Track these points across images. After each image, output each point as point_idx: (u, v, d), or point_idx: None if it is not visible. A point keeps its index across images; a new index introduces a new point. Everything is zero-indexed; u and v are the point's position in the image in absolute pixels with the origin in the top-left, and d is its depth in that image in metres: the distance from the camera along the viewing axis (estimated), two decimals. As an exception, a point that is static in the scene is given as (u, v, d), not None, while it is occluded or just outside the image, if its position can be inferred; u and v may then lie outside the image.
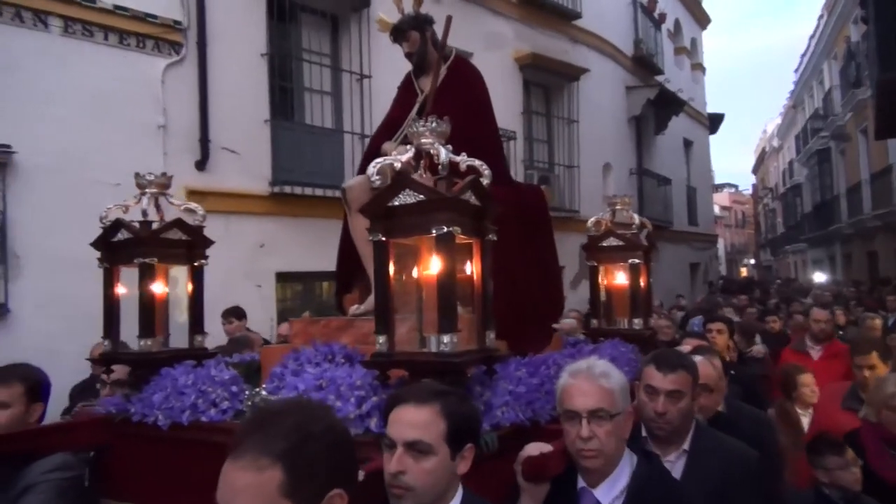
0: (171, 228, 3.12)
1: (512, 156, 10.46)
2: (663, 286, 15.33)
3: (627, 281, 3.92)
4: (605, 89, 13.45)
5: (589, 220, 4.12)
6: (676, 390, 2.39)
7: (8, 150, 5.65)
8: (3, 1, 5.80)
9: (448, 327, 2.20)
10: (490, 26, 10.62)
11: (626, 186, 14.21)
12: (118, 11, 6.44)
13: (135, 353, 3.11)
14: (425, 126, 2.38)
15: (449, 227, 2.19)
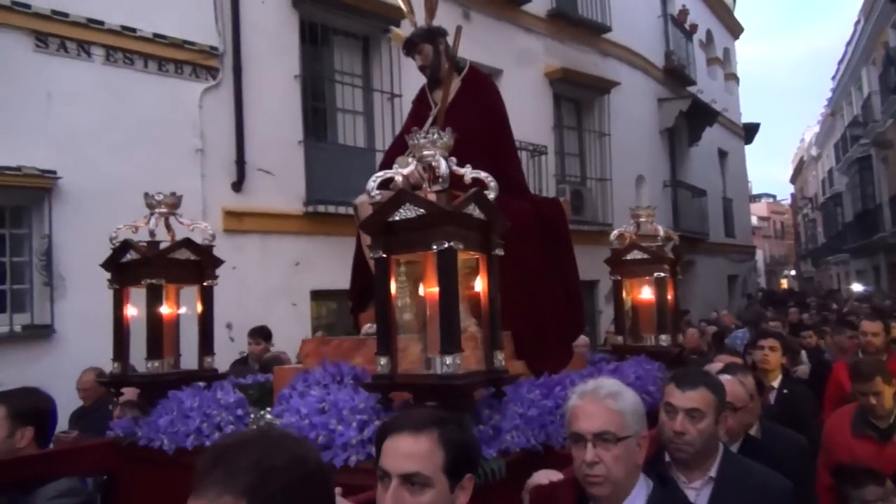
0: (180, 248, 3.07)
1: (543, 170, 10.46)
2: (701, 299, 15.09)
3: (653, 295, 3.78)
4: (636, 102, 13.37)
5: (612, 234, 4.01)
6: (696, 409, 2.23)
7: (54, 175, 5.85)
8: (48, 32, 6.04)
9: (451, 347, 2.08)
10: (520, 43, 10.67)
11: (660, 199, 14.06)
12: (157, 39, 6.65)
13: (142, 375, 3.05)
14: (426, 138, 2.29)
15: (450, 242, 2.09)
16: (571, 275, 3.60)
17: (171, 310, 3.15)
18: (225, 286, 6.83)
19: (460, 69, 3.59)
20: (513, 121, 10.92)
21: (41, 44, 6.01)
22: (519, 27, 10.72)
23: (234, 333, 6.71)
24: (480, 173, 2.31)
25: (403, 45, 3.58)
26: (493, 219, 2.31)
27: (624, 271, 3.88)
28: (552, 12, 11.21)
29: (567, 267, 3.58)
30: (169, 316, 3.12)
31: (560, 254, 3.53)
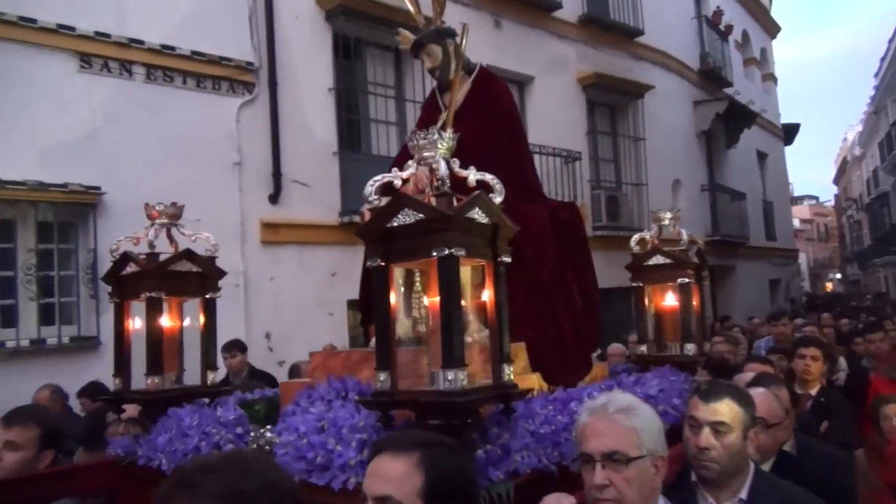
0: (180, 260, 2.96)
1: (578, 176, 10.40)
2: (742, 305, 14.79)
3: (677, 302, 3.61)
4: (671, 105, 13.22)
5: (632, 238, 3.85)
6: (721, 422, 2.07)
7: (98, 191, 6.03)
8: (92, 53, 6.24)
9: (453, 361, 1.95)
10: (552, 49, 10.64)
11: (698, 203, 13.85)
12: (195, 56, 6.81)
13: (142, 391, 2.93)
14: (426, 139, 2.16)
15: (450, 249, 1.96)
16: (590, 282, 3.47)
17: (172, 323, 3.03)
18: (263, 297, 7.01)
19: (470, 71, 3.46)
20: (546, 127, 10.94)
21: (85, 64, 6.21)
22: (550, 34, 10.70)
23: (272, 343, 6.81)
24: (486, 175, 2.20)
25: (411, 47, 3.47)
26: (500, 223, 2.18)
27: (646, 277, 3.74)
28: (583, 17, 11.16)
29: (585, 274, 3.44)
30: (170, 330, 3.00)
31: (578, 260, 3.39)
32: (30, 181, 5.72)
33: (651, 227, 3.85)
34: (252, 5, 7.25)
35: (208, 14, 6.93)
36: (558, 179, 10.04)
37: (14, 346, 5.64)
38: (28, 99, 5.83)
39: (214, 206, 6.63)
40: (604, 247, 8.88)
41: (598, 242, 10.04)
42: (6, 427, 2.52)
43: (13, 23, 5.83)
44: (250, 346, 6.66)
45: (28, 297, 5.82)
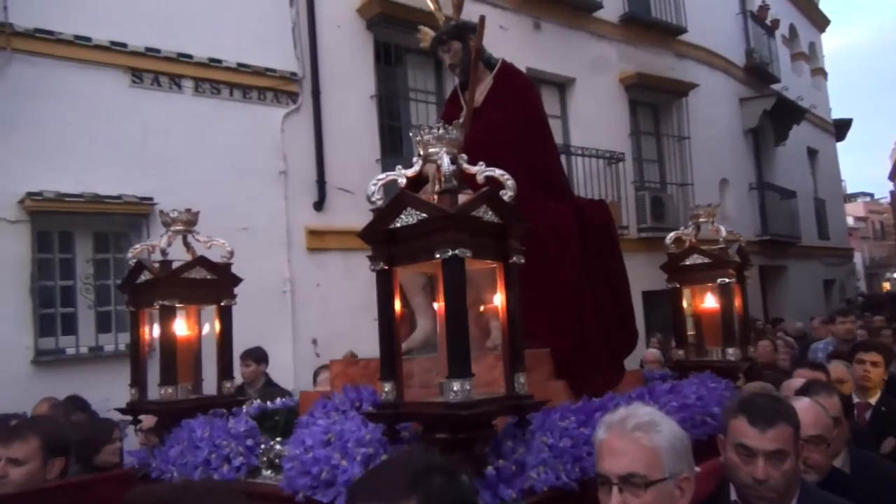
0: (194, 267, 2.89)
1: (621, 177, 10.28)
2: (795, 307, 14.39)
3: (718, 304, 3.41)
4: (716, 103, 12.97)
5: (667, 237, 3.69)
6: (779, 450, 1.88)
7: (151, 202, 6.21)
8: (143, 69, 6.45)
9: (459, 371, 1.82)
10: (593, 50, 10.56)
11: (746, 202, 13.55)
12: (241, 69, 6.98)
13: (156, 401, 2.87)
14: (430, 133, 2.05)
15: (454, 250, 1.83)
16: (621, 283, 3.27)
17: (188, 332, 2.96)
18: (310, 303, 7.11)
19: (492, 66, 3.32)
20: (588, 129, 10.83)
21: (137, 79, 6.42)
22: (591, 34, 10.62)
23: (319, 349, 6.90)
24: (495, 171, 2.07)
25: (431, 43, 3.32)
26: (510, 222, 2.02)
27: (683, 278, 3.55)
28: (625, 17, 11.04)
29: (616, 274, 3.24)
30: (186, 338, 2.93)
31: (607, 260, 3.20)
32: (86, 194, 5.93)
33: (688, 225, 3.68)
34: (295, 17, 7.40)
35: (253, 27, 7.09)
36: (601, 181, 9.94)
37: (73, 353, 5.86)
38: (83, 114, 6.05)
39: (261, 214, 6.78)
40: (648, 248, 8.75)
41: (642, 244, 9.92)
42: (5, 444, 2.50)
43: (69, 42, 6.07)
44: (297, 352, 6.77)
45: (86, 305, 6.03)
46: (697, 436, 2.59)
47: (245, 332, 6.20)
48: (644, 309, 9.45)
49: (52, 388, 5.04)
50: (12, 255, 5.68)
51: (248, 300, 6.30)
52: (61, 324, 5.94)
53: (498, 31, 9.03)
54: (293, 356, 6.81)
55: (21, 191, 5.70)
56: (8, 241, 5.67)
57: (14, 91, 5.79)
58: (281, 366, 6.50)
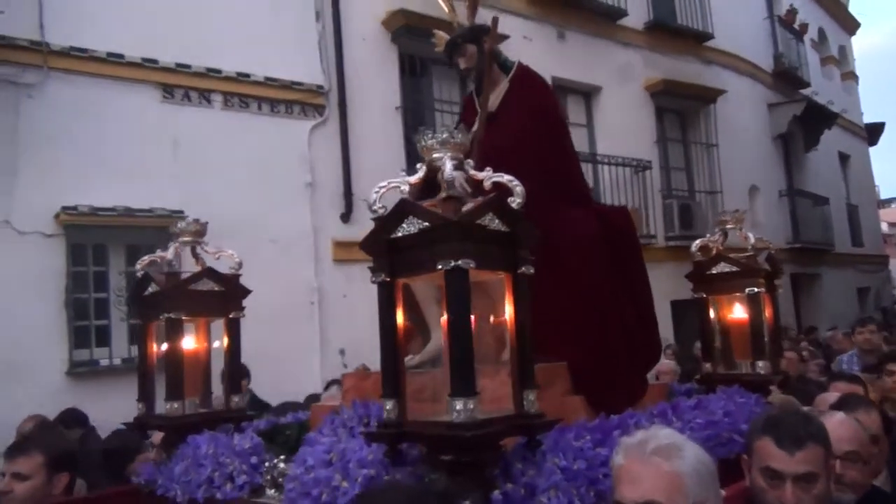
0: (201, 279, 2.84)
1: (648, 186, 10.20)
2: (829, 315, 14.11)
3: (747, 314, 3.26)
4: (744, 109, 12.82)
5: (693, 245, 3.57)
6: (809, 473, 1.77)
7: (181, 215, 6.31)
8: (174, 84, 6.58)
9: (463, 389, 1.73)
10: (618, 58, 10.52)
11: (777, 209, 13.34)
12: (268, 82, 7.08)
13: (161, 416, 2.81)
14: (433, 138, 1.96)
15: (457, 261, 1.75)
16: (644, 293, 3.13)
17: (197, 345, 2.90)
18: (337, 314, 7.15)
19: (508, 69, 3.20)
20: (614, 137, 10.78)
21: (168, 95, 6.56)
22: (616, 42, 10.58)
23: (346, 360, 6.93)
24: (503, 177, 1.97)
25: (445, 47, 3.24)
26: (519, 230, 1.93)
27: (710, 287, 3.42)
28: (650, 24, 10.99)
29: (638, 284, 3.11)
30: (192, 352, 2.86)
31: (630, 269, 3.06)
32: (119, 207, 6.05)
33: (715, 232, 3.56)
34: (321, 30, 7.49)
35: (280, 41, 7.19)
36: (628, 189, 9.88)
37: (107, 365, 5.96)
38: (116, 129, 6.18)
39: (288, 226, 6.85)
40: (677, 257, 8.65)
41: (670, 253, 9.81)
42: (10, 459, 2.49)
43: (103, 59, 6.22)
44: (325, 362, 6.81)
45: (119, 317, 6.14)
46: (725, 455, 2.49)
47: (273, 343, 6.30)
48: (673, 319, 9.34)
49: (85, 399, 5.14)
50: (48, 268, 5.80)
51: (277, 311, 6.46)
52: (95, 335, 6.05)
53: (522, 41, 9.05)
54: (321, 367, 6.85)
55: (56, 205, 5.83)
56: (44, 255, 5.80)
57: (50, 108, 5.95)
58: (309, 376, 6.54)
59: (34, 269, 5.73)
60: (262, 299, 6.33)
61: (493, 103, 3.10)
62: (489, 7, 8.88)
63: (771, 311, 3.38)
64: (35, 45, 5.93)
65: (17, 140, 5.79)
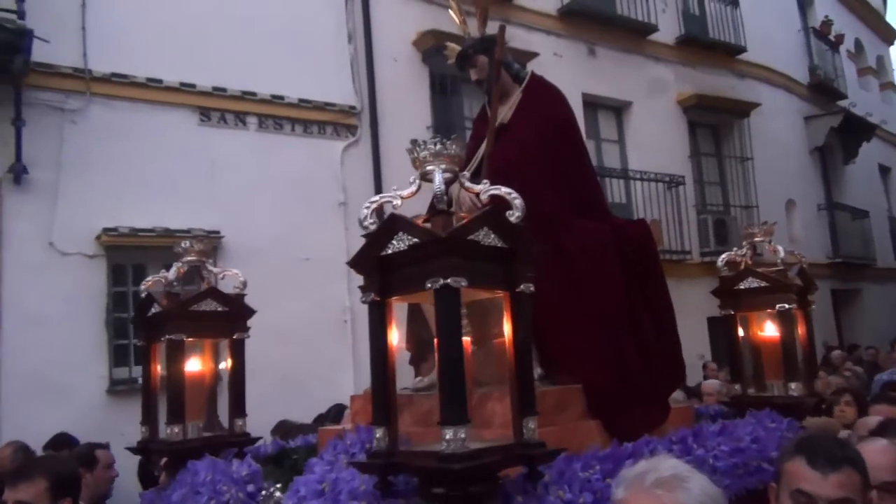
0: (204, 299, 2.76)
1: (682, 201, 10.09)
2: (871, 332, 13.72)
3: (778, 332, 3.09)
4: (780, 122, 12.63)
5: (719, 259, 3.38)
6: (844, 499, 1.64)
7: (218, 235, 6.43)
8: (210, 107, 6.74)
9: (453, 416, 1.61)
10: (649, 73, 10.48)
11: (815, 223, 13.07)
12: (302, 104, 7.20)
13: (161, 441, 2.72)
14: (426, 149, 1.85)
15: (446, 279, 1.63)
16: (664, 310, 2.96)
17: (199, 367, 2.81)
18: (370, 332, 7.15)
19: (521, 80, 3.10)
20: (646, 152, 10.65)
21: (205, 117, 6.71)
22: (647, 57, 10.54)
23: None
24: (501, 189, 1.87)
25: (456, 58, 3.15)
26: (518, 246, 1.82)
27: (738, 304, 3.23)
28: (681, 38, 10.93)
29: (659, 300, 2.94)
30: (197, 374, 2.78)
31: (649, 284, 2.90)
32: (158, 228, 6.19)
33: (743, 246, 3.36)
34: (353, 52, 7.61)
35: (313, 63, 7.32)
36: (661, 205, 9.78)
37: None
38: (155, 152, 6.34)
39: (322, 245, 6.92)
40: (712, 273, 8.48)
41: (705, 268, 9.64)
42: (12, 486, 2.46)
43: (142, 84, 6.40)
44: (358, 381, 6.82)
45: (157, 335, 6.25)
46: (752, 485, 2.36)
47: (306, 361, 6.34)
48: (710, 336, 9.17)
49: (125, 417, 5.21)
50: (89, 288, 5.95)
51: (310, 329, 6.52)
52: (134, 354, 6.16)
53: (552, 58, 9.07)
54: (354, 385, 6.87)
55: (98, 227, 5.99)
56: (85, 275, 5.95)
57: (92, 132, 6.13)
58: (341, 395, 6.55)
59: (76, 289, 5.87)
60: (296, 317, 6.44)
61: (505, 115, 3.00)
62: (517, 24, 8.95)
63: (804, 329, 3.20)
64: (78, 72, 6.13)
65: (60, 164, 5.97)
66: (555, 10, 9.49)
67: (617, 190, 9.63)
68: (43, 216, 5.85)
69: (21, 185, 5.79)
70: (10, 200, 5.78)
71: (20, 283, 5.59)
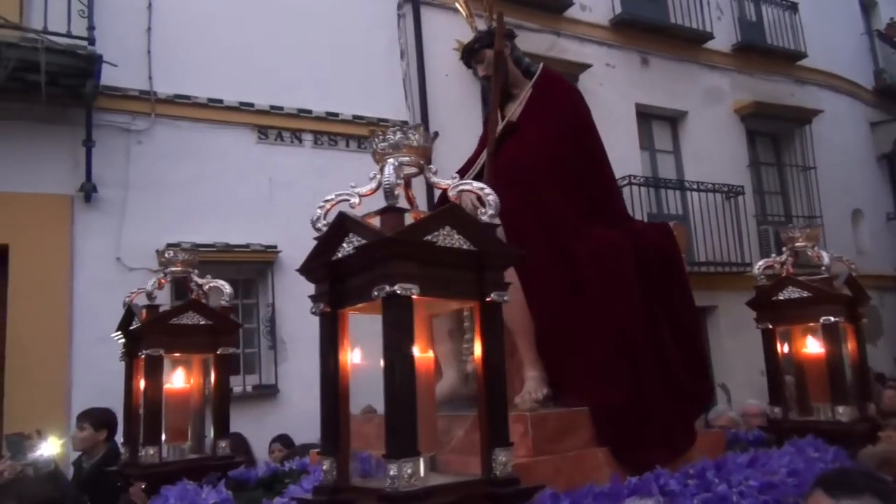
0: (186, 312, 2.61)
1: (741, 211, 9.82)
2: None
3: (823, 349, 2.76)
4: (843, 129, 12.19)
5: (755, 266, 3.05)
6: None
7: (275, 250, 6.58)
8: (268, 125, 6.93)
9: (399, 448, 1.37)
10: (705, 82, 10.29)
11: (884, 234, 12.53)
12: (356, 120, 7.33)
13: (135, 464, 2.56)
14: (384, 141, 1.67)
15: (393, 286, 1.40)
16: (690, 325, 2.67)
17: (182, 384, 2.66)
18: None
19: (531, 74, 2.87)
20: (703, 162, 10.42)
21: (262, 135, 6.90)
22: (702, 65, 10.35)
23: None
24: (472, 184, 1.67)
25: (462, 54, 2.99)
26: (490, 249, 1.58)
27: (776, 317, 2.90)
28: (738, 46, 10.69)
29: (683, 313, 2.64)
30: (177, 392, 2.62)
31: (672, 296, 2.60)
32: (218, 243, 6.37)
33: (782, 252, 3.04)
34: (405, 68, 7.72)
35: (366, 80, 7.45)
36: (720, 216, 9.54)
37: (207, 395, 6.21)
38: (215, 170, 6.54)
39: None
40: (776, 285, 8.23)
41: (768, 280, 9.36)
42: None
43: (203, 105, 6.63)
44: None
45: (217, 348, 6.41)
46: None
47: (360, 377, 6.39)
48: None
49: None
50: (154, 302, 6.15)
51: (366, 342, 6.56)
52: (195, 366, 6.34)
53: (605, 69, 9.00)
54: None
55: (161, 242, 6.19)
56: (150, 289, 6.15)
57: (156, 152, 6.37)
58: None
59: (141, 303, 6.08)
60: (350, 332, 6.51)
61: (514, 112, 2.79)
62: (569, 36, 8.93)
63: (855, 345, 2.88)
64: (144, 95, 6.40)
65: (126, 183, 6.22)
66: (607, 20, 9.42)
67: (672, 201, 9.46)
68: (111, 233, 6.10)
69: (91, 204, 6.06)
70: (80, 218, 6.05)
71: (90, 299, 5.81)
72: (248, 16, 6.92)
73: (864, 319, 2.97)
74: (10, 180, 5.75)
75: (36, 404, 5.36)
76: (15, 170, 5.78)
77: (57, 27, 5.54)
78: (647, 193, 9.11)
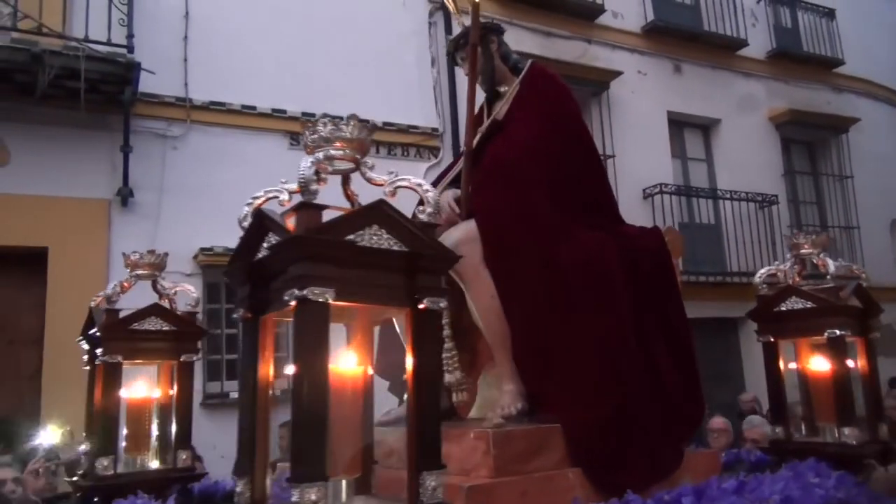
0: (147, 317, 2.47)
1: (776, 221, 9.66)
2: None
3: (830, 365, 2.55)
4: (881, 137, 11.92)
5: (757, 274, 2.85)
6: None
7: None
8: (300, 132, 6.98)
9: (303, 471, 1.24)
10: (739, 89, 10.16)
11: (925, 244, 12.21)
12: (387, 127, 7.38)
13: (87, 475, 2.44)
14: (316, 133, 1.54)
15: (303, 290, 1.26)
16: (682, 337, 2.50)
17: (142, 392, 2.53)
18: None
19: (519, 71, 2.75)
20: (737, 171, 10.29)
21: (294, 142, 6.98)
22: (736, 73, 10.23)
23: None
24: (410, 179, 1.55)
25: (448, 48, 2.86)
26: (424, 250, 1.44)
27: (778, 329, 2.70)
28: (773, 53, 10.55)
29: (674, 324, 2.48)
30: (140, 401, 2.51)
31: (663, 305, 2.46)
32: (249, 248, 6.45)
33: (787, 259, 2.86)
34: (436, 76, 7.76)
35: (397, 87, 7.51)
36: (753, 225, 9.39)
37: (237, 397, 6.29)
38: (248, 176, 6.59)
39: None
40: (810, 296, 8.07)
41: (803, 291, 9.19)
42: None
43: (237, 111, 6.74)
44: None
45: (247, 351, 6.49)
46: None
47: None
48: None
49: (217, 429, 5.43)
50: (186, 305, 6.25)
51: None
52: (226, 369, 6.42)
53: (636, 76, 8.94)
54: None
55: (195, 246, 6.31)
56: (183, 292, 6.26)
57: (191, 158, 6.50)
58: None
59: (174, 306, 6.19)
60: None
61: (500, 110, 2.67)
62: (601, 43, 8.89)
63: (865, 361, 2.67)
64: (180, 101, 6.53)
65: (162, 188, 6.35)
66: (639, 27, 9.36)
67: (705, 210, 9.34)
68: (147, 236, 6.21)
69: (128, 207, 6.20)
70: (118, 221, 6.19)
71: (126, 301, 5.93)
72: (281, 25, 7.03)
73: (876, 333, 2.76)
74: (49, 184, 5.90)
75: (72, 405, 5.48)
76: (55, 174, 5.94)
77: (98, 35, 5.69)
78: (679, 202, 9.01)
